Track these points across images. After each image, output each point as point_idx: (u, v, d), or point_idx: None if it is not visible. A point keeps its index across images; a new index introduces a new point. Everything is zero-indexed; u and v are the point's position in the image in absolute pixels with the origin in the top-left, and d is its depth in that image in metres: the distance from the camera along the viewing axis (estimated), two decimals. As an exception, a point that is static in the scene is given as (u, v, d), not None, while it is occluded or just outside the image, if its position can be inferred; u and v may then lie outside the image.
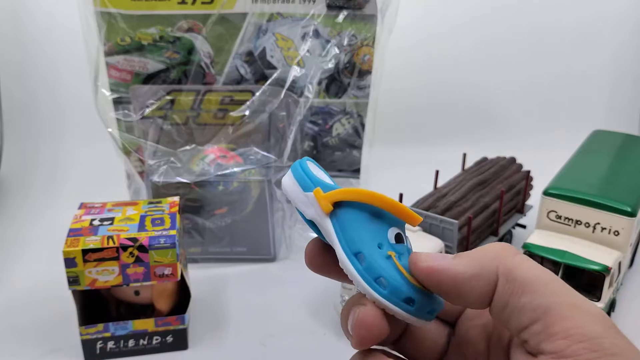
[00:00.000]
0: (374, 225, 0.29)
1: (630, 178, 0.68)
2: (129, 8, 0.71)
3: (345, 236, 0.29)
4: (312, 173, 0.31)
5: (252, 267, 0.75)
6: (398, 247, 0.29)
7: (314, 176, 0.31)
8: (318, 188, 0.30)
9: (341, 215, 0.29)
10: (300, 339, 0.62)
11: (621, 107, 1.17)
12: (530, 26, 1.13)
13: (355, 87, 0.78)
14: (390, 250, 0.28)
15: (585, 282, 0.59)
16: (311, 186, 0.30)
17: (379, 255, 0.28)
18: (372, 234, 0.29)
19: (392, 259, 0.28)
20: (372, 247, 0.28)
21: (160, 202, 0.62)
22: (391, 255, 0.28)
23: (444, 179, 0.77)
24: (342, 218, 0.29)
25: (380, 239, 0.29)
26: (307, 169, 0.31)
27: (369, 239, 0.29)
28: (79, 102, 0.98)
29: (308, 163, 0.32)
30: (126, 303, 0.61)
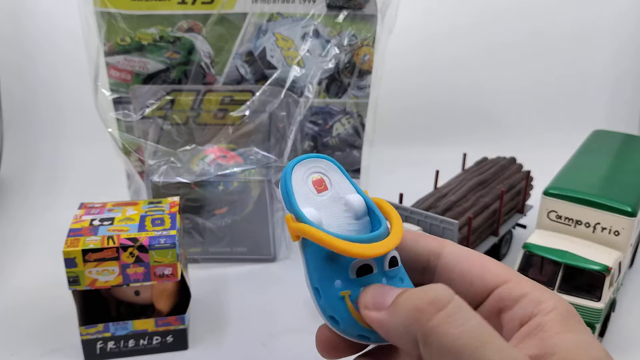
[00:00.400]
0: (334, 261, 0.29)
1: (631, 178, 0.68)
2: (129, 8, 0.71)
3: (309, 268, 0.29)
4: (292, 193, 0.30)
5: (252, 267, 0.75)
6: (360, 280, 0.28)
7: (293, 198, 0.30)
8: (290, 215, 0.29)
9: (307, 247, 0.29)
10: (300, 339, 0.62)
11: (621, 107, 1.17)
12: (530, 26, 1.13)
13: (355, 87, 0.78)
14: (345, 290, 0.28)
15: (585, 282, 0.59)
16: (288, 208, 0.30)
17: (333, 295, 0.28)
18: (331, 270, 0.29)
19: (345, 299, 0.28)
20: (329, 286, 0.28)
21: (160, 202, 0.62)
22: (344, 296, 0.28)
23: (444, 179, 0.77)
24: (307, 251, 0.29)
25: (339, 276, 0.28)
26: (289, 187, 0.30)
27: (328, 276, 0.29)
28: (79, 102, 0.98)
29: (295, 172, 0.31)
30: (126, 303, 0.61)
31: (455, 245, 0.32)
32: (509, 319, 0.29)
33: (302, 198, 0.30)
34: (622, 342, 0.62)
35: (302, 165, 0.31)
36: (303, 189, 0.31)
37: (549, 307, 0.28)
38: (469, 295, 0.30)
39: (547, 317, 0.27)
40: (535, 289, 0.29)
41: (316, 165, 0.32)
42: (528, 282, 0.30)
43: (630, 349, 0.61)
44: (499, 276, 0.30)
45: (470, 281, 0.30)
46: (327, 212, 0.31)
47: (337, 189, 0.31)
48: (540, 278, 0.60)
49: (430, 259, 0.32)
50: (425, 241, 0.32)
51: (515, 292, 0.29)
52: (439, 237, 0.33)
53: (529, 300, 0.28)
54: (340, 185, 0.32)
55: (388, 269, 0.29)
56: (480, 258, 0.31)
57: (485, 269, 0.30)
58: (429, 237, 0.33)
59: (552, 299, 0.28)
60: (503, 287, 0.29)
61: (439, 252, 0.32)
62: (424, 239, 0.33)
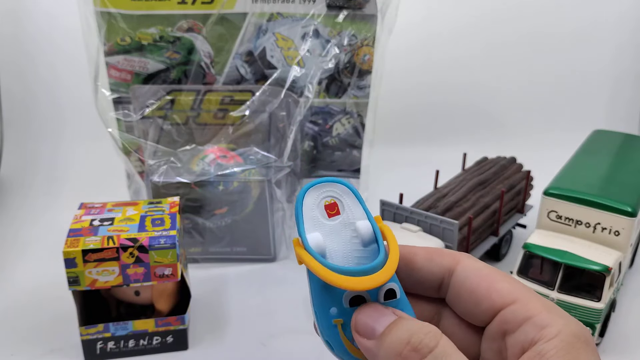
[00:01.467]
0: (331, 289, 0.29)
1: (631, 178, 0.68)
2: (129, 8, 0.71)
3: (311, 291, 0.30)
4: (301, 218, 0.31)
5: (252, 267, 0.75)
6: (352, 310, 0.29)
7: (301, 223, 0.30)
8: (297, 239, 0.30)
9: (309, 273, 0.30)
10: (300, 339, 0.62)
11: (621, 107, 1.17)
12: (530, 26, 1.13)
13: (355, 87, 0.78)
14: (338, 318, 0.29)
15: (585, 282, 0.59)
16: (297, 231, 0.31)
17: (328, 322, 0.29)
18: (327, 297, 0.29)
19: (337, 328, 0.29)
20: (324, 312, 0.29)
21: (160, 202, 0.62)
22: (337, 325, 0.29)
23: (444, 179, 0.77)
24: (310, 274, 0.30)
25: (334, 304, 0.29)
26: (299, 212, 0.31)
27: (323, 302, 0.29)
28: (79, 102, 0.98)
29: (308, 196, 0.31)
30: (126, 303, 0.61)
31: (468, 261, 0.31)
32: (511, 343, 0.28)
33: (311, 222, 0.31)
34: (622, 342, 0.62)
35: (316, 189, 0.32)
36: (314, 213, 0.31)
37: (552, 333, 0.27)
38: (476, 313, 0.30)
39: (549, 345, 0.26)
40: (541, 312, 0.28)
41: (331, 189, 0.32)
42: (537, 303, 0.28)
43: (630, 349, 0.61)
44: (506, 296, 0.29)
45: (477, 301, 0.30)
46: (336, 238, 0.31)
47: (348, 213, 0.32)
48: (540, 278, 0.60)
49: (444, 276, 0.32)
50: (439, 259, 0.32)
51: (520, 314, 0.28)
52: (454, 252, 0.32)
53: (532, 324, 0.27)
54: (353, 210, 0.32)
55: (384, 301, 0.29)
56: (489, 276, 0.30)
57: (492, 289, 0.29)
58: (444, 253, 0.32)
59: (558, 323, 0.27)
60: (508, 309, 0.29)
61: (452, 269, 0.31)
62: (439, 257, 0.32)
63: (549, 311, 0.28)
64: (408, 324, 0.27)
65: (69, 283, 0.54)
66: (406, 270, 0.32)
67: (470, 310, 0.30)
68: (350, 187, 0.32)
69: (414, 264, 0.32)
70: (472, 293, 0.30)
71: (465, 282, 0.30)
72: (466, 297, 0.30)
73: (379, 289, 0.29)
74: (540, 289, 0.59)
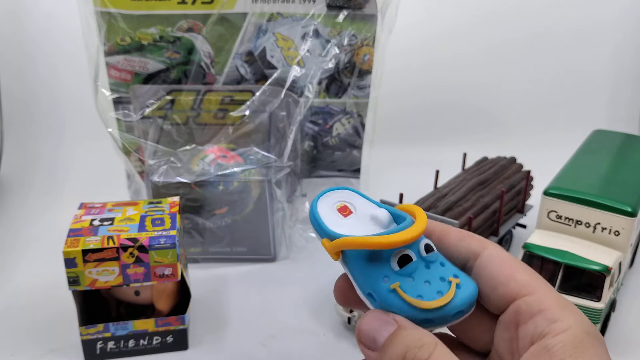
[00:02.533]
0: (376, 261, 0.31)
1: (631, 178, 0.68)
2: (129, 8, 0.71)
3: (356, 278, 0.31)
4: (321, 221, 0.33)
5: (252, 267, 0.75)
6: (404, 270, 0.30)
7: (323, 224, 0.33)
8: (325, 239, 0.32)
9: (349, 259, 0.32)
10: (300, 339, 0.62)
11: (621, 107, 1.17)
12: (530, 26, 1.13)
13: (355, 87, 0.78)
14: (395, 282, 0.30)
15: (585, 282, 0.59)
16: (321, 235, 0.32)
17: (385, 292, 0.30)
18: (376, 270, 0.30)
19: (397, 291, 0.29)
20: (378, 285, 0.30)
21: (160, 202, 0.62)
22: (395, 288, 0.29)
23: (444, 179, 0.77)
24: (350, 262, 0.32)
25: (385, 272, 0.30)
26: (317, 217, 0.33)
27: (374, 277, 0.30)
28: (79, 102, 0.98)
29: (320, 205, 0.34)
30: (126, 303, 0.61)
31: (494, 249, 0.32)
32: (522, 334, 0.28)
33: (331, 223, 0.33)
34: (622, 342, 0.62)
35: (326, 197, 0.34)
36: (330, 216, 0.33)
37: (562, 327, 0.27)
38: (492, 299, 0.31)
39: (556, 339, 0.26)
40: (555, 306, 0.28)
41: (338, 196, 0.35)
42: (552, 297, 0.29)
43: (630, 349, 0.61)
44: (524, 287, 0.29)
45: (494, 286, 0.30)
46: (357, 230, 0.33)
47: (361, 210, 0.34)
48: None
49: (469, 258, 0.32)
50: (468, 240, 0.33)
51: (534, 306, 0.28)
52: (483, 239, 0.33)
53: (543, 317, 0.28)
54: (364, 206, 0.34)
55: (426, 255, 0.31)
56: (511, 265, 0.31)
57: (511, 277, 0.30)
58: (473, 237, 0.33)
59: (569, 319, 0.27)
60: (523, 299, 0.29)
61: (478, 253, 0.32)
62: (469, 239, 0.33)
63: (562, 307, 0.28)
64: (405, 336, 0.28)
65: (69, 283, 0.54)
66: (438, 245, 0.33)
67: (487, 295, 0.31)
68: (354, 190, 0.35)
69: (446, 239, 0.33)
70: (492, 279, 0.31)
71: (487, 266, 0.31)
72: (486, 281, 0.31)
73: (419, 244, 0.31)
74: (540, 289, 0.59)
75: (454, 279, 0.30)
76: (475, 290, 0.30)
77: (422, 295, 0.29)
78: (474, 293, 0.30)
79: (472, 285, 0.30)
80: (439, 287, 0.30)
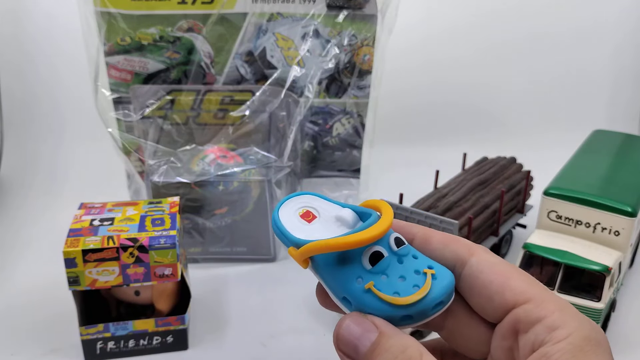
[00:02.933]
0: (347, 263, 0.30)
1: (631, 178, 0.68)
2: (129, 8, 0.71)
3: (328, 284, 0.31)
4: (284, 229, 0.32)
5: (252, 267, 0.75)
6: (377, 267, 0.29)
7: (287, 232, 0.32)
8: (291, 248, 0.31)
9: (319, 265, 0.31)
10: (300, 339, 0.62)
11: (621, 107, 1.17)
12: (530, 26, 1.13)
13: (355, 87, 0.78)
14: (369, 281, 0.29)
15: (585, 282, 0.59)
16: (287, 244, 0.31)
17: (360, 293, 0.29)
18: (347, 272, 0.30)
19: (372, 290, 0.29)
20: (352, 287, 0.29)
21: (160, 202, 0.62)
22: (370, 288, 0.29)
23: (444, 179, 0.77)
24: (320, 268, 0.31)
25: (357, 272, 0.29)
26: (280, 226, 0.32)
27: (347, 280, 0.29)
28: (79, 102, 0.98)
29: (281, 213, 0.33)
30: (126, 303, 0.61)
31: (483, 254, 0.31)
32: (523, 343, 0.28)
33: (296, 230, 0.32)
34: (622, 342, 0.62)
35: (286, 205, 0.33)
36: (294, 223, 0.32)
37: (562, 335, 0.26)
38: (488, 309, 0.30)
39: (555, 347, 0.26)
40: (554, 313, 0.27)
41: (299, 202, 0.33)
42: (550, 303, 0.28)
43: (630, 349, 0.61)
44: (520, 294, 0.28)
45: (489, 296, 0.29)
46: (323, 234, 0.32)
47: (324, 213, 0.33)
48: (541, 278, 0.60)
49: (456, 265, 0.31)
50: (454, 246, 0.31)
51: (533, 315, 0.27)
52: (470, 243, 0.32)
53: (543, 325, 0.27)
54: (327, 209, 0.33)
55: (397, 249, 0.30)
56: (504, 272, 0.30)
57: (506, 286, 0.29)
58: (459, 242, 0.32)
59: (570, 326, 0.26)
60: (521, 308, 0.28)
61: (465, 259, 0.31)
62: (454, 244, 0.31)
63: (563, 312, 0.27)
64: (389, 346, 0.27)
65: (69, 283, 0.54)
66: (421, 250, 0.32)
67: (482, 306, 0.30)
68: (315, 194, 0.34)
69: (429, 244, 0.32)
70: (485, 288, 0.29)
71: (478, 275, 0.30)
72: (478, 291, 0.30)
73: (389, 238, 0.30)
74: (540, 289, 0.59)
75: (429, 270, 0.29)
76: (452, 279, 0.29)
77: (398, 292, 0.28)
78: (450, 282, 0.29)
79: (449, 275, 0.30)
80: (414, 281, 0.29)
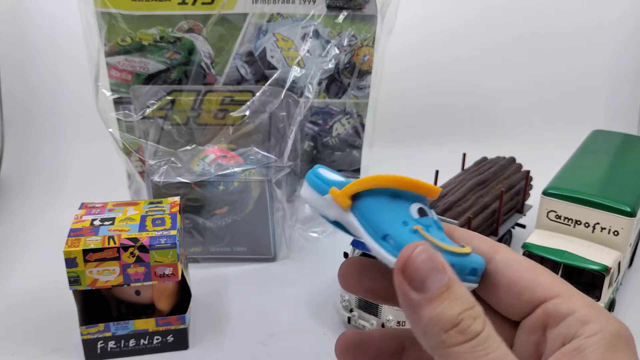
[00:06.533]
0: (395, 206, 0.29)
1: (630, 178, 0.68)
2: (130, 8, 0.71)
3: (370, 224, 0.30)
4: (324, 176, 0.31)
5: (252, 267, 0.75)
6: (423, 220, 0.29)
7: (327, 178, 0.31)
8: (333, 187, 0.30)
9: (361, 206, 0.30)
10: (300, 339, 0.62)
11: (621, 107, 1.17)
12: (529, 27, 1.13)
13: (355, 87, 0.79)
14: (416, 225, 0.29)
15: (584, 282, 0.59)
16: (326, 188, 0.31)
17: (406, 232, 0.28)
18: (394, 214, 0.29)
19: (420, 232, 0.28)
20: (398, 226, 0.29)
21: (161, 202, 0.63)
22: (418, 229, 0.28)
23: (444, 179, 0.77)
24: (362, 209, 0.30)
25: (404, 217, 0.29)
26: (319, 174, 0.32)
27: (393, 220, 0.29)
28: (79, 102, 0.98)
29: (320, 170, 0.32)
30: (127, 303, 0.61)
31: (508, 252, 0.31)
32: (553, 336, 0.28)
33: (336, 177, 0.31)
34: (621, 342, 0.62)
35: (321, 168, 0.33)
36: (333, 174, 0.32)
37: (595, 329, 0.26)
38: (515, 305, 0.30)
39: (590, 341, 0.26)
40: (584, 307, 0.27)
41: None
42: (579, 298, 0.28)
43: (630, 349, 0.61)
44: (549, 290, 0.29)
45: (518, 292, 0.29)
46: None
47: None
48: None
49: None
50: (478, 242, 0.31)
51: (563, 309, 0.28)
52: (494, 242, 0.31)
53: (574, 319, 0.27)
54: None
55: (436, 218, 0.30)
56: (531, 268, 0.30)
57: (535, 281, 0.29)
58: (484, 240, 0.31)
59: (600, 320, 0.27)
60: (551, 302, 0.28)
61: (490, 256, 0.30)
62: (478, 240, 0.31)
63: (592, 307, 0.28)
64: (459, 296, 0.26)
65: (70, 283, 0.54)
66: None
67: (509, 302, 0.30)
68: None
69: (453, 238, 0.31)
70: (514, 284, 0.29)
71: (505, 272, 0.30)
72: (506, 287, 0.30)
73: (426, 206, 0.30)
74: (539, 289, 0.59)
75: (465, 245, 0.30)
76: (483, 262, 0.30)
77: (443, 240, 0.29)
78: (483, 262, 0.30)
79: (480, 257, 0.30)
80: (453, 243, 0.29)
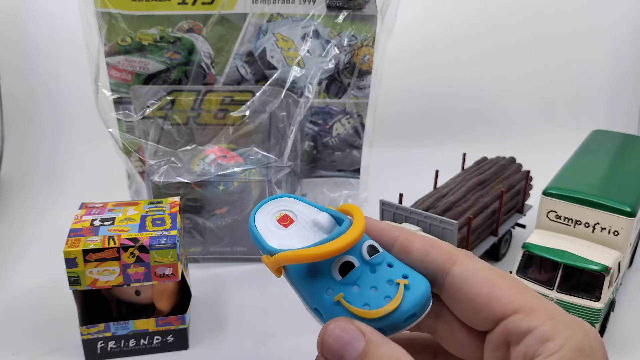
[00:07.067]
0: (317, 273, 0.29)
1: (630, 178, 0.68)
2: (130, 8, 0.71)
3: (301, 294, 0.31)
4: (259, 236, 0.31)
5: (252, 267, 0.75)
6: (346, 279, 0.29)
7: (262, 240, 0.31)
8: (265, 256, 0.31)
9: (291, 274, 0.30)
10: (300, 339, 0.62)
11: (621, 107, 1.17)
12: (529, 27, 1.13)
13: (355, 87, 0.79)
14: (338, 293, 0.28)
15: (584, 282, 0.59)
16: (262, 251, 0.31)
17: (330, 305, 0.29)
18: (318, 283, 0.29)
19: (341, 302, 0.28)
20: (322, 298, 0.29)
21: (160, 202, 0.63)
22: (339, 300, 0.28)
23: (444, 179, 0.77)
24: (292, 278, 0.31)
25: (327, 283, 0.29)
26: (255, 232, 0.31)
27: (317, 290, 0.29)
28: (79, 102, 0.98)
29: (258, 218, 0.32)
30: (127, 303, 0.61)
31: (465, 263, 0.29)
32: (515, 355, 0.27)
33: (271, 237, 0.31)
34: (621, 342, 0.62)
35: (264, 209, 0.33)
36: (270, 229, 0.32)
37: (555, 347, 0.25)
38: (475, 322, 0.29)
39: None
40: (545, 322, 0.26)
41: (277, 205, 0.33)
42: (540, 311, 0.27)
43: (629, 349, 0.61)
44: (508, 305, 0.27)
45: (476, 309, 0.28)
46: (299, 240, 0.31)
47: (302, 217, 0.32)
48: (540, 278, 0.60)
49: (437, 275, 0.30)
50: (435, 254, 0.30)
51: (523, 326, 0.26)
52: (452, 249, 0.30)
53: (534, 337, 0.26)
54: (305, 212, 0.33)
55: (370, 258, 0.29)
56: (488, 281, 0.28)
57: (493, 297, 0.27)
58: (440, 249, 0.30)
59: (562, 335, 0.25)
60: (510, 319, 0.27)
61: (447, 269, 0.29)
62: (435, 251, 0.30)
63: (554, 320, 0.26)
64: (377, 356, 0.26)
65: (70, 283, 0.54)
66: (403, 258, 0.30)
67: (468, 317, 0.29)
68: (293, 196, 0.33)
69: (409, 252, 0.31)
70: (471, 300, 0.28)
71: (462, 285, 0.29)
72: (464, 302, 0.29)
73: (360, 248, 0.29)
74: (539, 289, 0.59)
75: (402, 280, 0.28)
76: (426, 290, 0.28)
77: (368, 304, 0.27)
78: (424, 293, 0.28)
79: (424, 285, 0.28)
80: (386, 292, 0.28)
